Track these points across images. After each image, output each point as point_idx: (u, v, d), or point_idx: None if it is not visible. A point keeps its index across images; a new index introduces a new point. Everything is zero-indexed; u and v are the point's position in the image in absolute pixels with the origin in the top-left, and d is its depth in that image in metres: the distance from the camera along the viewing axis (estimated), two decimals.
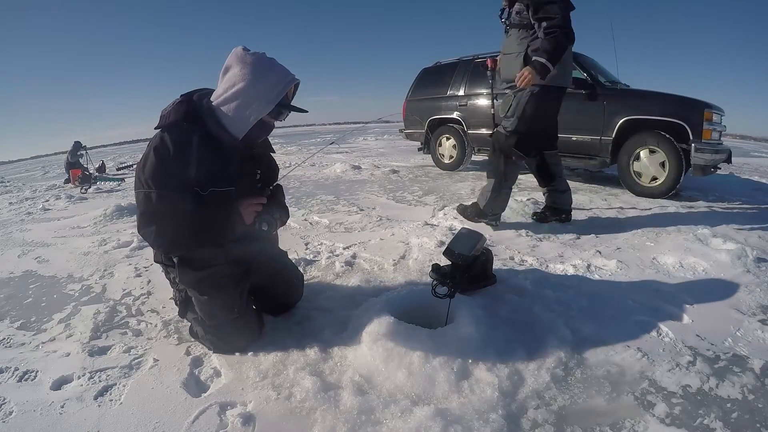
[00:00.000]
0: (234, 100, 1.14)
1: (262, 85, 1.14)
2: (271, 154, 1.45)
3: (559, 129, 3.96)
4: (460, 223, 2.50)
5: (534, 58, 2.05)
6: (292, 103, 1.26)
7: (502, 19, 2.31)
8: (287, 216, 1.41)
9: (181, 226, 1.13)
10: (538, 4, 2.06)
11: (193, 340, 1.41)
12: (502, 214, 2.53)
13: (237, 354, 1.31)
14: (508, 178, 2.36)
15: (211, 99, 1.19)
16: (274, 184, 1.42)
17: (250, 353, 1.30)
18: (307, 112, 1.30)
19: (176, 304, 1.45)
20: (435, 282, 1.43)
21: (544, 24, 2.04)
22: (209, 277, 1.27)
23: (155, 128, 1.17)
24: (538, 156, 2.48)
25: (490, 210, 2.41)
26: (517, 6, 2.16)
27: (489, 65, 2.54)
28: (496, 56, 2.48)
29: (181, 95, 1.21)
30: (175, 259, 1.27)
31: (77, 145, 7.92)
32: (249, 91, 1.13)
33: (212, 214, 1.17)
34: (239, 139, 1.19)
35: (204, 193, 1.17)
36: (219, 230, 1.17)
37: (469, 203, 2.59)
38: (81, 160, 7.56)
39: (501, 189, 2.37)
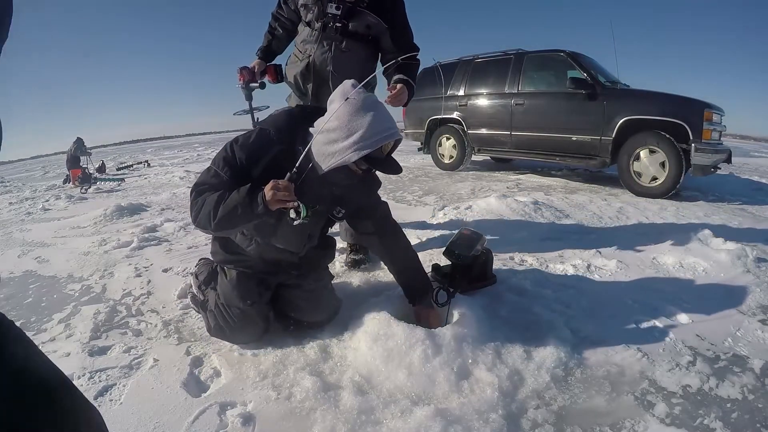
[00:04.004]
0: (325, 134, 1.08)
1: (354, 131, 1.05)
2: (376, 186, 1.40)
3: (560, 129, 4.00)
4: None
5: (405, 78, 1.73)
6: (386, 160, 1.13)
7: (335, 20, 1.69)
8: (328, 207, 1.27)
9: (210, 201, 1.10)
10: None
11: (193, 340, 1.41)
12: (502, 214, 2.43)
13: (237, 354, 1.31)
14: None
15: (314, 123, 1.17)
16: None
17: (250, 353, 1.31)
18: (400, 172, 1.14)
19: (196, 279, 1.55)
20: (436, 289, 1.44)
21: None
22: (234, 263, 1.33)
23: (256, 124, 1.19)
24: None
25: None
26: (371, 18, 1.71)
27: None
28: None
29: (296, 105, 1.24)
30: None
31: (80, 141, 7.94)
32: (339, 132, 1.06)
33: (236, 196, 1.08)
34: (318, 174, 1.13)
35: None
36: (238, 214, 1.08)
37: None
38: (82, 160, 7.56)
39: None
